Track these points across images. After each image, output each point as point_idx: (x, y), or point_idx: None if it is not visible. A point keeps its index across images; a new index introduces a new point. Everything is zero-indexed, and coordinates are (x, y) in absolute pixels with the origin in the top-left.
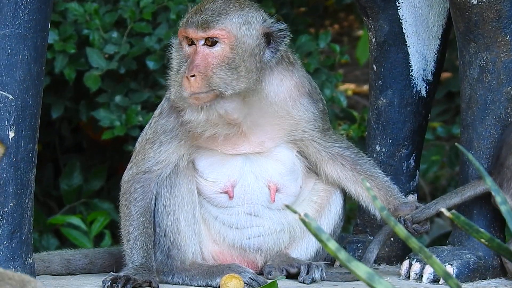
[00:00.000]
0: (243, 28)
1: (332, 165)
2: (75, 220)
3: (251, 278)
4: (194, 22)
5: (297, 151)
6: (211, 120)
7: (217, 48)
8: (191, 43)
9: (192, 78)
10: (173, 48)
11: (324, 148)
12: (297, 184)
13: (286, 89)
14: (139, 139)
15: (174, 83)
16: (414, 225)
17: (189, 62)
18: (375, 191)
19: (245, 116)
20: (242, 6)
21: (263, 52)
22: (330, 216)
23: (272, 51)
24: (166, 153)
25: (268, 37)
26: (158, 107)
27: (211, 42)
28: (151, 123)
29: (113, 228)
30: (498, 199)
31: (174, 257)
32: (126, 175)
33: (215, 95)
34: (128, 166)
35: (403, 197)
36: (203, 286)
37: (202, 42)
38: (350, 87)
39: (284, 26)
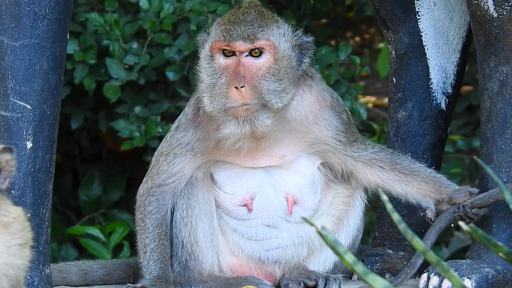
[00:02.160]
0: (282, 39)
1: (371, 171)
2: (94, 231)
3: None
4: (239, 34)
5: (321, 162)
6: (244, 133)
7: (262, 60)
8: (230, 54)
9: (242, 88)
10: (202, 62)
11: (352, 158)
12: (316, 197)
13: (307, 104)
14: (156, 153)
15: (212, 96)
16: (474, 210)
17: (234, 73)
18: (422, 185)
19: (270, 130)
20: (275, 18)
21: (297, 64)
22: (349, 229)
23: (298, 63)
24: (180, 164)
25: (297, 49)
26: (176, 121)
27: (257, 53)
28: (167, 137)
29: (132, 238)
30: None
31: (191, 268)
32: (141, 189)
33: (262, 107)
34: (144, 180)
35: (453, 184)
36: None
37: (246, 53)
38: (370, 99)
39: (311, 38)
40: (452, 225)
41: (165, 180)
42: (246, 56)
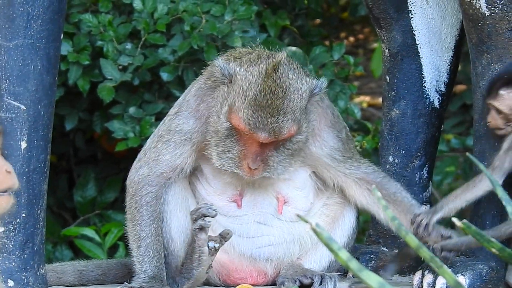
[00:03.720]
0: (303, 117)
1: (359, 190)
2: (89, 232)
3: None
4: (264, 127)
5: (312, 171)
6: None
7: (279, 140)
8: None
9: (255, 169)
10: (217, 115)
11: (343, 174)
12: (308, 200)
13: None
14: (152, 136)
15: (223, 156)
16: (443, 253)
17: (251, 154)
18: (401, 216)
19: None
20: (299, 88)
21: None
22: (344, 227)
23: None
24: (182, 157)
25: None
26: (175, 106)
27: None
28: (165, 121)
29: (127, 239)
30: (509, 209)
31: (169, 263)
32: (135, 175)
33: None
34: (137, 165)
35: None
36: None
37: None
38: (365, 99)
39: (325, 83)
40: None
41: (166, 170)
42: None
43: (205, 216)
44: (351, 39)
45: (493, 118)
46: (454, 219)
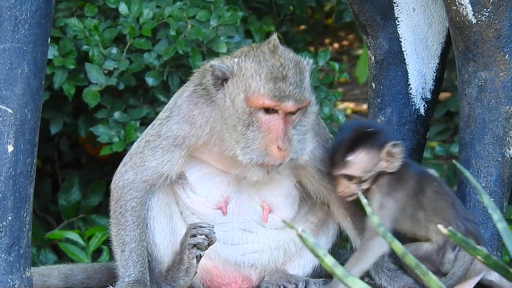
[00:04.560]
0: (311, 89)
1: (340, 207)
2: (73, 236)
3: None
4: (289, 95)
5: (297, 181)
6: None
7: (296, 115)
8: (272, 111)
9: (286, 149)
10: (232, 106)
11: (326, 189)
12: (293, 208)
13: None
14: (139, 140)
15: (248, 148)
16: None
17: (278, 133)
18: None
19: None
20: (301, 61)
21: None
22: (328, 234)
23: None
24: (169, 163)
25: None
26: (165, 110)
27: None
28: (154, 125)
29: (111, 243)
30: (495, 217)
31: (153, 268)
32: (121, 180)
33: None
34: (122, 169)
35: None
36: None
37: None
38: (349, 105)
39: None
40: None
41: (152, 177)
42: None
43: (207, 236)
44: (336, 45)
45: (345, 187)
46: (440, 226)
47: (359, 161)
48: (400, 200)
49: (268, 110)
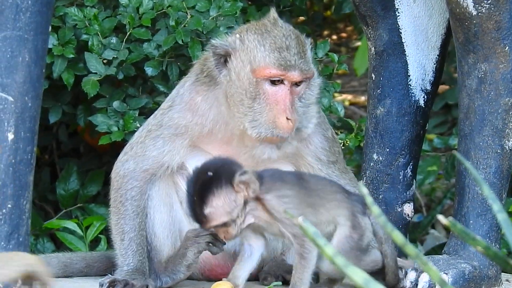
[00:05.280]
0: (313, 63)
1: None
2: (71, 225)
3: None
4: (295, 64)
5: (296, 170)
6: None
7: (301, 87)
8: (278, 82)
9: (293, 119)
10: (238, 79)
11: None
12: None
13: None
14: (141, 129)
15: (256, 121)
16: None
17: (285, 103)
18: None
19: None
20: (303, 36)
21: None
22: None
23: None
24: (170, 154)
25: None
26: (167, 100)
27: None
28: (157, 114)
29: (109, 233)
30: (495, 207)
31: (152, 258)
32: (121, 169)
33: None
34: (123, 158)
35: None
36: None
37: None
38: (347, 97)
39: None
40: None
41: (153, 167)
42: (291, 85)
43: (223, 243)
44: (334, 37)
45: (225, 232)
46: (440, 217)
47: (218, 209)
48: (290, 189)
49: (273, 82)
